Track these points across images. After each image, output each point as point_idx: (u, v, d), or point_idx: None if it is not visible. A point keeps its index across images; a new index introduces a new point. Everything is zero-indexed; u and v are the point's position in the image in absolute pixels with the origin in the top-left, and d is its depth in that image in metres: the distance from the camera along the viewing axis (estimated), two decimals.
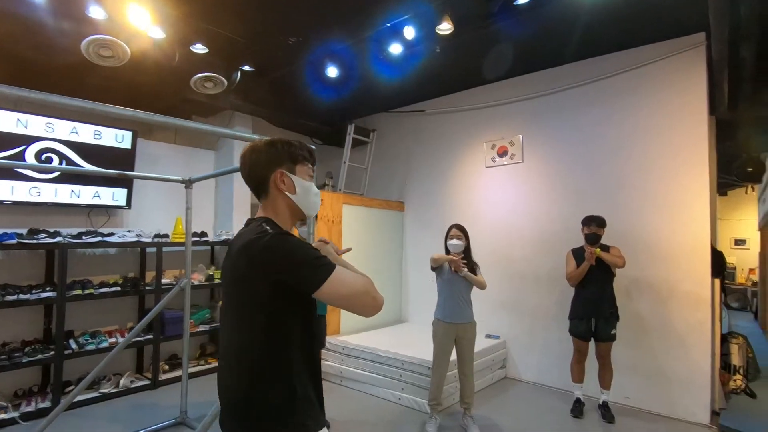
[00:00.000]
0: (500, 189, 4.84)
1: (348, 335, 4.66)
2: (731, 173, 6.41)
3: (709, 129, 3.66)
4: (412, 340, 4.45)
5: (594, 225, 3.55)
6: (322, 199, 4.70)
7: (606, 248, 3.57)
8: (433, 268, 3.39)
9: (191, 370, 4.54)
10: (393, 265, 5.61)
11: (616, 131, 4.05)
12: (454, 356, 3.34)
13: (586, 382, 3.73)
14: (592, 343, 3.64)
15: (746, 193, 9.29)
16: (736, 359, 4.21)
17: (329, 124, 5.92)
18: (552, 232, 4.36)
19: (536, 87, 4.57)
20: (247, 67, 4.31)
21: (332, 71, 4.22)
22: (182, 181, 3.42)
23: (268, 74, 4.55)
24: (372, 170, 5.93)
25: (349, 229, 4.96)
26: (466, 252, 3.37)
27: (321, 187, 6.10)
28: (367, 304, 1.16)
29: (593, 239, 3.53)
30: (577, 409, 3.66)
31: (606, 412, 3.56)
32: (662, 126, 3.81)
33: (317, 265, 1.09)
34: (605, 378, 3.61)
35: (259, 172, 1.25)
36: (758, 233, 8.88)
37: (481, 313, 3.69)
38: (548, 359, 4.36)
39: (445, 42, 3.75)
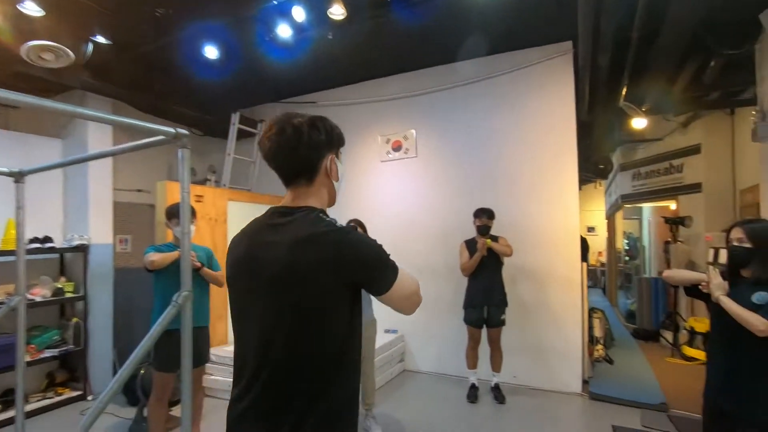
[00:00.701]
0: (396, 183, 4.83)
1: None
2: (588, 170, 7.38)
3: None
4: None
5: (485, 217, 3.70)
6: (202, 196, 4.19)
7: (495, 238, 3.75)
8: None
9: (35, 405, 3.70)
10: None
11: (501, 128, 4.30)
12: None
13: (479, 366, 3.90)
14: (484, 330, 3.80)
15: (595, 187, 10.89)
16: (597, 331, 4.80)
17: (211, 112, 5.33)
18: (447, 225, 4.48)
19: (429, 83, 4.65)
20: (101, 39, 3.61)
21: (211, 52, 3.75)
22: (10, 174, 2.69)
23: (132, 50, 3.87)
24: (261, 164, 5.49)
25: (236, 228, 4.46)
26: None
27: (203, 182, 5.48)
28: (416, 303, 1.15)
29: (484, 230, 3.68)
30: (473, 394, 3.80)
31: (498, 393, 3.76)
32: (540, 125, 4.14)
33: (389, 265, 1.07)
34: (496, 361, 3.81)
35: (308, 155, 1.10)
36: (605, 222, 10.43)
37: (379, 309, 3.59)
38: (445, 349, 4.48)
39: (338, 29, 3.57)
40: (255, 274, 1.05)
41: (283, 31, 3.49)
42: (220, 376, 3.94)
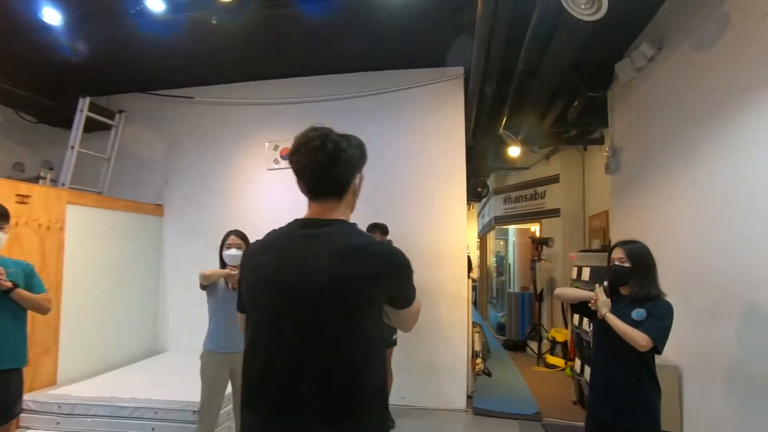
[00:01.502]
0: (285, 194, 4.44)
1: (69, 385, 3.36)
2: (467, 192, 7.86)
3: None
4: (172, 378, 3.54)
5: (378, 232, 3.56)
6: (28, 196, 3.29)
7: None
8: (203, 286, 2.70)
9: None
10: (146, 282, 4.46)
11: (395, 145, 4.27)
12: (228, 390, 2.73)
13: None
14: None
15: (469, 209, 11.82)
16: (477, 345, 5.00)
17: (51, 95, 4.32)
18: None
19: (322, 90, 4.42)
20: None
21: (51, 16, 2.99)
22: None
23: None
24: (119, 163, 4.62)
25: (78, 238, 3.63)
26: None
27: (35, 180, 4.37)
28: (417, 319, 1.28)
29: None
30: None
31: None
32: (432, 145, 4.20)
33: (412, 281, 1.16)
34: (388, 384, 3.64)
35: (344, 172, 1.11)
36: (478, 240, 11.33)
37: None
38: None
39: (225, 13, 3.15)
40: (293, 283, 1.05)
41: (155, 4, 2.94)
42: (44, 427, 3.05)
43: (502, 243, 10.60)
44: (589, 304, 2.04)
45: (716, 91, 2.45)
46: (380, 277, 1.06)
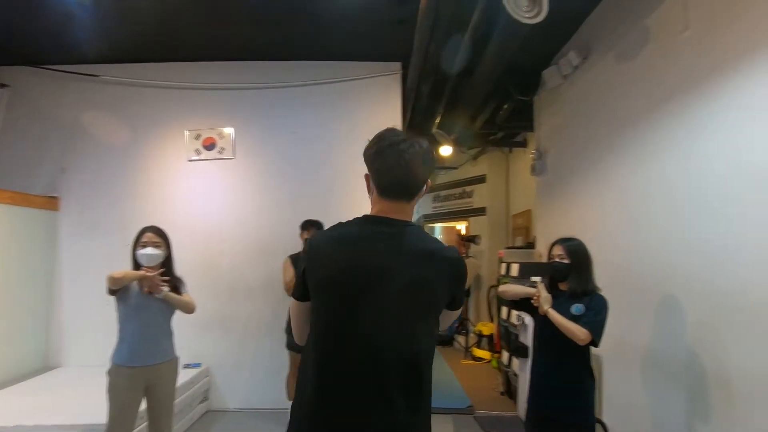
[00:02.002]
0: (207, 187, 4.08)
1: None
2: None
3: None
4: (69, 396, 3.06)
5: (314, 229, 3.39)
6: None
7: None
8: (112, 291, 2.34)
9: None
10: (36, 286, 3.83)
11: (330, 138, 4.11)
12: (143, 407, 2.40)
13: None
14: None
15: None
16: None
17: None
18: (267, 238, 3.97)
19: (254, 77, 4.13)
20: None
21: None
22: None
23: None
24: (3, 148, 3.92)
25: None
26: (167, 264, 2.50)
27: None
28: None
29: None
30: None
31: None
32: (367, 139, 4.10)
33: None
34: None
35: (424, 174, 1.17)
36: None
37: (177, 340, 2.79)
38: (259, 378, 3.92)
39: None
40: (374, 281, 1.08)
41: None
42: None
43: None
44: (532, 301, 2.09)
45: (638, 99, 2.65)
46: (453, 281, 1.13)
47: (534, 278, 3.47)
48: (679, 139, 2.29)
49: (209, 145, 4.14)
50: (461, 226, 7.59)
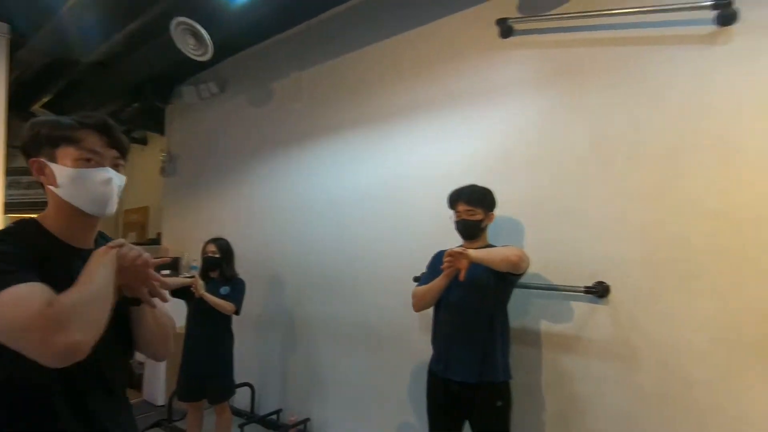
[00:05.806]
0: None
1: None
2: None
3: None
4: None
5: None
6: None
7: None
8: None
9: None
10: None
11: None
12: None
13: None
14: None
15: None
16: None
17: None
18: None
19: None
20: None
21: None
22: None
23: None
24: None
25: None
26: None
27: None
28: None
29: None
30: None
31: None
32: None
33: None
34: None
35: None
36: None
37: None
38: None
39: None
40: None
41: None
42: None
43: None
44: (191, 288, 2.63)
45: (263, 136, 3.67)
46: None
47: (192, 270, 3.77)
48: (281, 171, 3.50)
49: None
50: None
